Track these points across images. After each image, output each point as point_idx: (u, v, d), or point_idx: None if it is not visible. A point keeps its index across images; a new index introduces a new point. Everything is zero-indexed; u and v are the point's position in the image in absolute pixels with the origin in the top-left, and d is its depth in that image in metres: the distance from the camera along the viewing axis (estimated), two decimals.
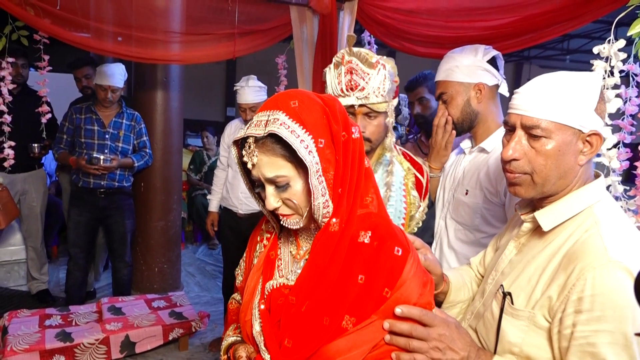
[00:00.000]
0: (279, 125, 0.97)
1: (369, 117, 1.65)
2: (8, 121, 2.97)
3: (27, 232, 4.15)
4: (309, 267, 1.01)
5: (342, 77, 1.63)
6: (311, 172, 0.97)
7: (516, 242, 1.29)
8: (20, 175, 3.88)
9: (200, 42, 3.09)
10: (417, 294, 1.01)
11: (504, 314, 1.18)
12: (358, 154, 1.03)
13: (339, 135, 1.00)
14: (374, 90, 1.60)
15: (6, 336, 2.95)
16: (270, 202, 1.04)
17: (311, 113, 0.99)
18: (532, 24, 2.17)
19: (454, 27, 2.56)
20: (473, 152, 1.96)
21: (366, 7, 2.92)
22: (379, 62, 1.60)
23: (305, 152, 0.96)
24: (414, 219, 1.79)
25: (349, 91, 1.62)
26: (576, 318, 1.03)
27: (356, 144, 1.03)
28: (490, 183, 1.84)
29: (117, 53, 2.99)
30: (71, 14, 2.64)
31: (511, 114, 1.20)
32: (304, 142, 0.97)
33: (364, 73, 1.59)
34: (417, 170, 1.82)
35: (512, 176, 1.21)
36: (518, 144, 1.18)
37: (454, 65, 1.91)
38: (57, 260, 5.12)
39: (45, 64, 2.95)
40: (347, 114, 1.05)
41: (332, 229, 1.00)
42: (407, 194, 1.76)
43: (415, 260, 1.02)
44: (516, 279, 1.20)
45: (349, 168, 1.01)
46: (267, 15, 3.12)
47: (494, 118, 1.93)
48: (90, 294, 4.26)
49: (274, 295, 1.09)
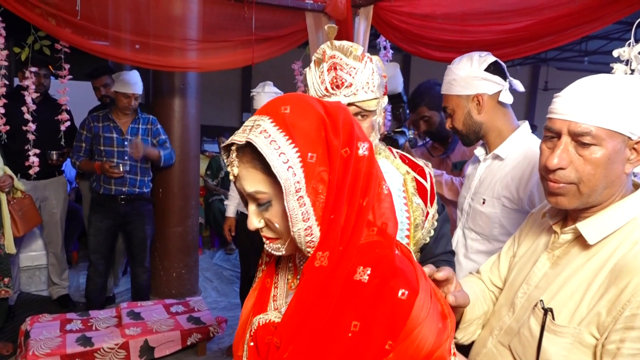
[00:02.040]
0: (258, 133, 0.83)
1: (359, 118, 1.45)
2: (33, 129, 3.02)
3: (47, 238, 4.21)
4: (294, 307, 0.84)
5: (325, 74, 1.42)
6: (286, 192, 0.81)
7: (549, 254, 1.20)
8: (42, 182, 3.94)
9: (218, 50, 3.12)
10: (431, 341, 0.81)
11: (545, 331, 1.11)
12: (365, 175, 0.86)
13: (338, 151, 0.83)
14: (363, 86, 1.41)
15: (28, 340, 2.99)
16: (251, 222, 0.90)
17: (304, 122, 0.83)
18: (550, 27, 2.15)
19: (470, 31, 2.56)
20: (487, 160, 1.93)
21: (382, 12, 2.93)
22: (365, 55, 1.43)
23: (282, 167, 0.80)
24: (422, 228, 1.59)
25: (334, 89, 1.41)
26: (625, 334, 0.98)
27: (363, 163, 0.86)
28: (509, 191, 1.80)
29: (136, 61, 3.04)
30: (91, 23, 2.69)
31: (555, 120, 1.11)
32: (285, 155, 0.81)
33: (350, 67, 1.39)
34: (419, 174, 1.62)
35: (555, 186, 1.12)
36: (564, 152, 1.09)
37: (452, 78, 1.87)
38: (77, 266, 5.19)
39: (65, 72, 3.00)
40: (353, 127, 0.87)
41: (317, 263, 0.82)
42: (408, 201, 1.56)
43: (427, 302, 0.83)
44: (556, 293, 1.13)
45: (350, 190, 0.84)
46: (284, 22, 3.14)
47: (504, 124, 1.87)
48: (109, 299, 4.31)
49: (260, 332, 0.95)
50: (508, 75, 1.85)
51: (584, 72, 1.16)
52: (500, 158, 1.87)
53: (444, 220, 1.67)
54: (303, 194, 0.82)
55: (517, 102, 1.90)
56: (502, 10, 2.40)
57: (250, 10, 2.91)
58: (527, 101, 13.30)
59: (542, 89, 13.00)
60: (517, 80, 1.88)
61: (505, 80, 1.83)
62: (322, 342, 0.81)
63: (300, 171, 0.81)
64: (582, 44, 11.01)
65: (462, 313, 1.29)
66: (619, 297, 1.00)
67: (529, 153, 1.79)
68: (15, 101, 3.06)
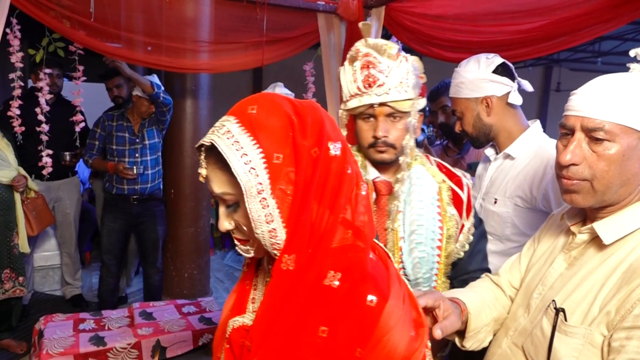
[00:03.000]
0: (221, 134, 0.82)
1: (392, 119, 1.42)
2: (46, 130, 3.06)
3: (61, 238, 4.25)
4: (263, 310, 0.83)
5: (357, 73, 1.40)
6: (247, 193, 0.80)
7: (566, 254, 1.19)
8: (55, 182, 3.98)
9: (229, 51, 3.14)
10: (402, 349, 0.79)
11: (557, 331, 1.09)
12: (337, 175, 0.83)
13: (306, 151, 0.81)
14: (396, 86, 1.37)
15: (42, 339, 3.02)
16: (221, 223, 0.89)
17: (270, 122, 0.81)
18: (563, 27, 2.13)
19: (482, 32, 2.54)
20: (498, 159, 1.92)
21: (393, 13, 2.92)
22: (400, 54, 1.39)
23: (243, 169, 0.79)
24: (456, 240, 1.53)
25: (366, 88, 1.38)
26: (632, 333, 0.97)
27: (334, 163, 0.83)
28: (522, 189, 1.79)
29: (148, 62, 3.07)
30: (104, 25, 2.71)
31: (569, 116, 1.11)
32: (247, 156, 0.79)
33: (384, 66, 1.37)
34: (456, 184, 1.56)
35: (569, 183, 1.11)
36: (577, 148, 1.08)
37: (459, 81, 1.87)
38: (90, 266, 5.24)
39: (79, 74, 3.03)
40: (324, 126, 0.84)
41: (284, 266, 0.80)
42: (442, 211, 1.50)
43: (398, 309, 0.81)
44: (570, 294, 1.12)
45: (320, 191, 0.82)
46: (295, 23, 3.15)
47: (514, 125, 1.86)
48: (122, 299, 4.34)
49: (234, 335, 0.95)
50: (516, 76, 1.84)
51: (597, 73, 1.14)
52: (511, 157, 1.86)
53: (480, 235, 1.60)
54: (266, 195, 0.80)
55: (529, 103, 1.91)
56: (515, 10, 2.38)
57: (262, 12, 2.92)
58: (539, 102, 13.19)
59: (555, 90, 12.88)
60: (526, 81, 1.86)
61: (513, 81, 1.82)
62: (291, 347, 0.79)
63: (263, 172, 0.80)
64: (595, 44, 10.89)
65: (467, 322, 1.26)
66: (629, 296, 0.99)
67: (540, 151, 1.78)
68: (29, 102, 3.09)
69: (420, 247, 1.45)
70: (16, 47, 2.71)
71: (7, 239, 3.38)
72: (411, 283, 1.44)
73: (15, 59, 2.73)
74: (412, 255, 1.45)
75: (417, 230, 1.46)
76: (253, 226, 0.82)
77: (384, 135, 1.42)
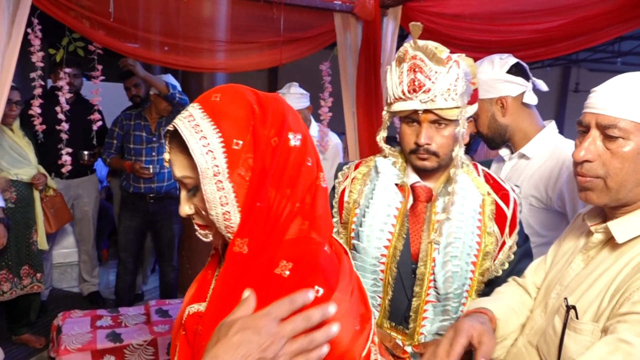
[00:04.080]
0: (183, 118, 0.85)
1: (437, 126, 1.36)
2: (66, 129, 3.09)
3: (79, 236, 4.32)
4: (215, 293, 0.85)
5: (404, 76, 1.34)
6: (202, 175, 0.82)
7: (584, 255, 1.19)
8: (74, 180, 4.03)
9: (246, 51, 3.15)
10: (346, 342, 0.81)
11: (567, 329, 1.09)
12: (295, 165, 0.85)
13: (266, 140, 0.82)
14: (443, 93, 1.29)
15: (60, 335, 3.06)
16: (182, 208, 0.91)
17: (232, 109, 0.84)
18: (584, 27, 2.11)
19: (500, 31, 2.53)
20: (513, 159, 1.91)
21: (410, 12, 2.91)
22: (451, 58, 1.30)
23: (201, 151, 0.81)
24: (494, 258, 1.45)
25: (411, 93, 1.32)
26: (626, 317, 0.97)
27: (293, 153, 0.85)
28: (537, 190, 1.78)
29: (166, 62, 3.09)
30: (122, 25, 2.74)
31: (586, 114, 1.11)
32: (207, 139, 0.82)
33: (431, 71, 1.29)
34: (501, 198, 1.47)
35: (583, 180, 1.12)
36: (592, 145, 1.09)
37: None
38: (107, 263, 5.29)
39: (98, 73, 3.06)
40: (285, 118, 0.86)
41: (236, 249, 0.81)
42: (482, 225, 1.43)
43: (345, 302, 0.83)
44: (584, 293, 1.11)
45: (277, 179, 0.83)
46: (312, 23, 3.15)
47: (529, 125, 1.85)
48: (138, 296, 4.38)
49: (189, 321, 0.94)
50: (531, 76, 1.83)
51: (616, 74, 1.13)
52: (526, 157, 1.85)
53: (523, 254, 1.50)
54: (223, 178, 0.82)
55: (547, 103, 1.90)
56: (534, 9, 2.36)
57: (278, 12, 2.93)
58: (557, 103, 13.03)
59: (573, 91, 12.72)
60: (540, 80, 1.85)
61: (528, 81, 1.81)
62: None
63: (221, 156, 0.82)
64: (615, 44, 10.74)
65: (495, 329, 1.25)
66: (629, 286, 1.00)
67: (556, 151, 1.77)
68: (50, 102, 3.14)
69: (455, 260, 1.39)
70: (37, 46, 2.74)
71: (27, 236, 3.44)
72: (441, 297, 1.40)
73: (36, 58, 2.77)
74: (445, 268, 1.38)
75: (453, 243, 1.39)
76: (208, 207, 0.84)
77: (426, 143, 1.36)
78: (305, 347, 0.72)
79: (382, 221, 1.44)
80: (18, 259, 3.38)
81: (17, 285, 3.37)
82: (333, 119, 3.44)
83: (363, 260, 1.46)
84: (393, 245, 1.43)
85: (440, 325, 1.43)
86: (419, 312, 1.42)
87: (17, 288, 3.37)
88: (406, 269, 1.43)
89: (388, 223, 1.44)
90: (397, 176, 1.48)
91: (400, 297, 1.45)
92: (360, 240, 1.46)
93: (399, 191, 1.47)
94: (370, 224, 1.45)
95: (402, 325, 1.46)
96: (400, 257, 1.43)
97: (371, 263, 1.45)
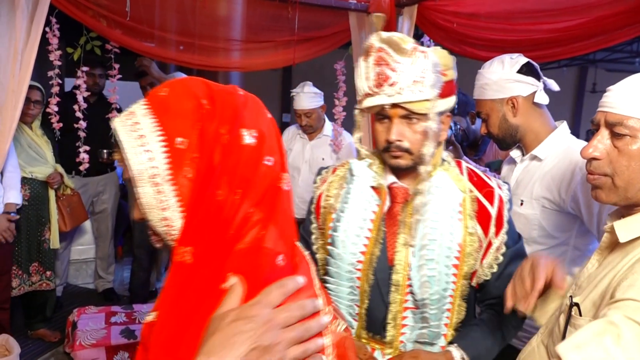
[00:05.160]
0: (124, 116, 0.79)
1: (408, 121, 1.28)
2: (83, 127, 3.13)
3: (97, 232, 4.38)
4: (160, 305, 0.77)
5: (370, 70, 1.26)
6: (137, 177, 0.75)
7: (599, 255, 1.19)
8: (95, 178, 4.10)
9: (261, 50, 3.16)
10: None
11: (569, 326, 1.10)
12: (249, 165, 0.76)
13: (213, 136, 0.75)
14: (409, 85, 1.22)
15: (75, 331, 3.10)
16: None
17: (178, 105, 0.77)
18: (601, 26, 2.09)
19: (517, 30, 2.51)
20: (525, 161, 1.89)
21: (426, 11, 2.90)
22: (417, 49, 1.22)
23: (134, 152, 0.75)
24: (477, 259, 1.37)
25: (378, 87, 1.24)
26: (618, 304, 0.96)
27: (246, 151, 0.76)
28: (550, 191, 1.76)
29: (181, 61, 3.12)
30: (139, 24, 2.77)
31: (597, 112, 1.12)
32: (145, 137, 0.75)
33: (396, 63, 1.21)
34: (485, 196, 1.38)
35: (591, 177, 1.13)
36: (600, 143, 1.09)
37: (484, 82, 1.84)
38: (122, 260, 5.34)
39: (115, 72, 3.09)
40: (239, 113, 0.78)
41: (179, 258, 0.73)
42: (463, 225, 1.35)
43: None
44: (590, 292, 1.12)
45: (228, 181, 0.74)
46: (326, 22, 3.15)
47: (541, 125, 1.83)
48: (152, 293, 4.41)
49: (143, 331, 0.87)
50: (542, 76, 1.81)
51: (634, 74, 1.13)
52: (538, 158, 1.83)
53: (513, 255, 1.40)
54: (162, 180, 0.74)
55: (564, 104, 1.88)
56: (551, 8, 2.34)
57: (293, 11, 2.93)
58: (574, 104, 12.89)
59: (590, 91, 12.56)
60: (552, 80, 1.83)
61: (539, 81, 1.80)
62: (175, 345, 0.73)
63: (161, 156, 0.74)
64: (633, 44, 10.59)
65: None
66: (624, 278, 1.00)
67: (569, 152, 1.75)
68: (71, 100, 3.17)
69: (431, 264, 1.31)
70: (55, 45, 2.78)
71: (38, 234, 3.48)
72: (418, 303, 1.33)
73: (54, 57, 2.80)
74: (420, 272, 1.31)
75: (428, 246, 1.31)
76: (145, 212, 0.77)
77: (397, 139, 1.28)
78: (301, 336, 0.69)
79: (358, 226, 1.38)
80: (28, 256, 3.43)
81: (25, 281, 3.42)
82: (347, 118, 3.44)
83: (338, 267, 1.39)
84: (370, 251, 1.36)
85: (420, 333, 1.36)
86: (398, 319, 1.35)
87: (25, 284, 3.42)
88: (383, 276, 1.35)
89: (364, 228, 1.37)
90: (373, 178, 1.41)
91: (377, 305, 1.37)
92: (335, 246, 1.39)
93: (375, 194, 1.40)
94: (345, 229, 1.38)
95: (381, 334, 1.38)
96: (377, 263, 1.35)
97: (347, 270, 1.38)
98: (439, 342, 1.38)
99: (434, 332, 1.37)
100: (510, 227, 1.41)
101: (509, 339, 1.45)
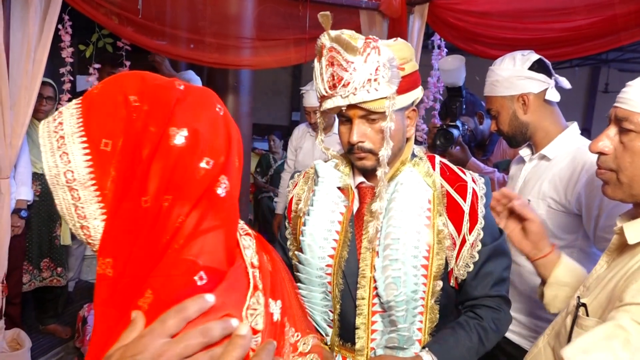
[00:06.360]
0: (51, 116, 0.73)
1: (369, 121, 1.23)
2: None
3: None
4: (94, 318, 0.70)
5: (323, 71, 1.20)
6: (52, 182, 0.70)
7: (608, 257, 1.18)
8: None
9: (272, 48, 3.16)
10: None
11: (575, 326, 1.10)
12: (179, 168, 0.68)
13: (141, 136, 0.68)
14: (364, 84, 1.16)
15: (85, 326, 3.13)
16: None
17: (106, 103, 0.70)
18: (615, 25, 2.07)
19: (529, 29, 2.49)
20: (534, 160, 1.88)
21: (437, 10, 2.88)
22: (369, 45, 1.15)
23: (50, 154, 0.69)
24: (455, 258, 1.29)
25: (332, 89, 1.19)
26: (625, 307, 0.95)
27: (174, 152, 0.68)
28: (556, 192, 1.75)
29: (192, 59, 3.12)
30: (150, 22, 2.78)
31: (612, 108, 1.13)
32: (63, 139, 0.69)
33: (347, 62, 1.15)
34: (457, 190, 1.31)
35: (599, 172, 1.13)
36: (608, 137, 1.10)
37: (494, 79, 1.84)
38: None
39: (127, 69, 3.11)
40: (170, 110, 0.70)
41: (100, 270, 0.67)
42: (431, 222, 1.27)
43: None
44: (598, 294, 1.11)
45: (157, 186, 0.67)
46: (337, 20, 3.10)
47: (551, 123, 1.82)
48: None
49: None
50: (553, 73, 1.80)
51: None
52: (547, 158, 1.82)
53: (491, 253, 1.32)
54: (79, 186, 0.68)
55: (576, 104, 1.87)
56: (563, 7, 2.32)
57: (304, 9, 2.93)
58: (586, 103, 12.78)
59: (602, 91, 12.46)
60: (563, 77, 1.82)
61: (550, 78, 1.79)
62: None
63: (80, 159, 0.68)
64: None
65: (555, 265, 1.32)
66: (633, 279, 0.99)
67: (578, 154, 1.74)
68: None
69: (396, 264, 1.23)
70: (67, 42, 2.80)
71: (50, 230, 3.51)
72: (385, 306, 1.26)
73: (66, 54, 2.83)
74: (385, 273, 1.24)
75: (392, 245, 1.24)
76: (65, 220, 0.71)
77: (359, 141, 1.23)
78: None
79: (325, 229, 1.31)
80: (39, 252, 3.46)
81: (36, 277, 3.45)
82: None
83: (308, 272, 1.33)
84: (338, 254, 1.30)
85: (390, 338, 1.29)
86: (368, 324, 1.29)
87: (36, 280, 3.45)
88: (353, 279, 1.29)
89: (332, 230, 1.31)
90: (340, 179, 1.36)
91: (349, 310, 1.31)
92: (302, 251, 1.33)
93: (342, 195, 1.35)
94: (311, 232, 1.31)
95: (352, 341, 1.31)
96: (347, 267, 1.30)
97: (317, 275, 1.32)
98: (413, 348, 1.30)
99: (404, 337, 1.28)
100: (488, 222, 1.32)
101: (488, 344, 1.32)
